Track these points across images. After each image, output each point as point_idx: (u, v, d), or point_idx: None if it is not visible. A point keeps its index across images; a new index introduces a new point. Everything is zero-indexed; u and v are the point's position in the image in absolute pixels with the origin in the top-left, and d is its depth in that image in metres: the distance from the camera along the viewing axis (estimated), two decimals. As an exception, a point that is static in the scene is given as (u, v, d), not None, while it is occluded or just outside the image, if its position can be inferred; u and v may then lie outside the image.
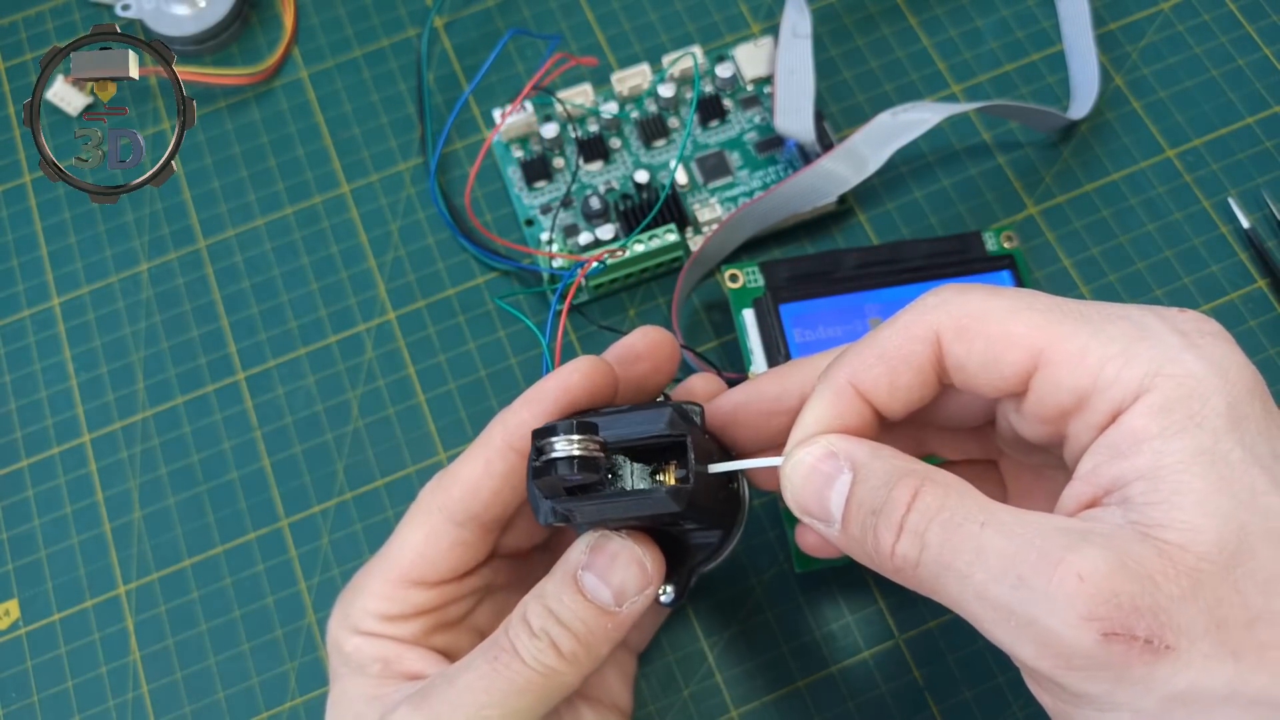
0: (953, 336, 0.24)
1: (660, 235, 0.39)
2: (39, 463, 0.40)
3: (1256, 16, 0.44)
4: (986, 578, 0.22)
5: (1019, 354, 0.24)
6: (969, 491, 0.23)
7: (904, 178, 0.43)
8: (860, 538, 0.24)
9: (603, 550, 0.27)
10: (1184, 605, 0.20)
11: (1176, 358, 0.22)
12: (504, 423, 0.29)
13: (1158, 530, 0.21)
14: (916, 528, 0.23)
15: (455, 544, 0.29)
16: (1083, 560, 0.21)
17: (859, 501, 0.24)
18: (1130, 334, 0.23)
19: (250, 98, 0.45)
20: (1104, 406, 0.23)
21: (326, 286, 0.42)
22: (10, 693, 0.37)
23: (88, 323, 0.42)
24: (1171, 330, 0.23)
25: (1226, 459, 0.21)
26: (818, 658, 0.36)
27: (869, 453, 0.25)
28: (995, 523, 0.22)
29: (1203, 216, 0.41)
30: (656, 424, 0.26)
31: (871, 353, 0.26)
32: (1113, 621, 0.20)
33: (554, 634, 0.27)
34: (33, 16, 0.47)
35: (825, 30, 0.45)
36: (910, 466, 0.24)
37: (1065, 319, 0.23)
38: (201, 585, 0.38)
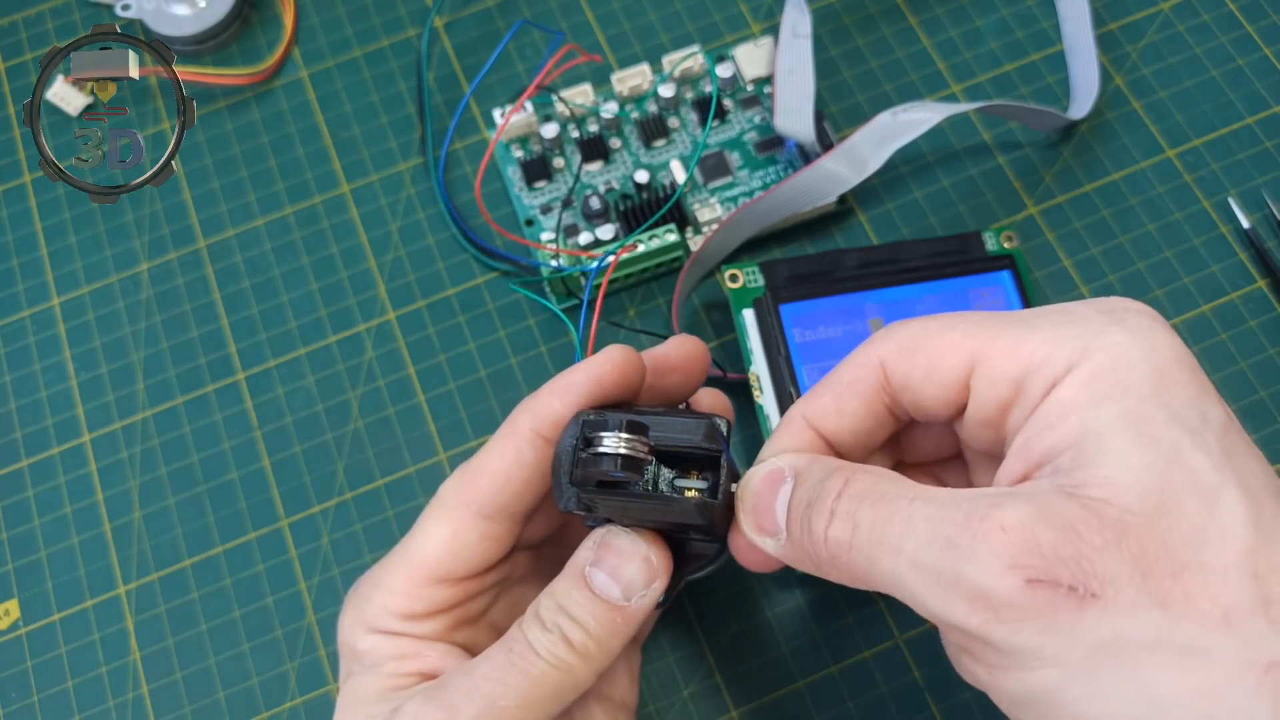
0: (896, 358, 0.26)
1: (660, 235, 0.39)
2: (39, 463, 0.40)
3: (1256, 16, 0.44)
4: (916, 545, 0.23)
5: (957, 358, 0.25)
6: (900, 479, 0.24)
7: (904, 178, 0.43)
8: (799, 537, 0.25)
9: (610, 547, 0.28)
10: (1108, 554, 0.21)
11: (1103, 331, 0.23)
12: (532, 411, 0.29)
13: (1082, 488, 0.22)
14: (848, 510, 0.24)
15: (483, 538, 0.29)
16: (1005, 514, 0.21)
17: (797, 501, 0.26)
18: (1058, 322, 0.24)
19: (250, 98, 0.45)
20: (1038, 387, 0.23)
21: (326, 286, 0.42)
22: (10, 693, 0.37)
23: (88, 323, 0.42)
24: (1099, 312, 0.24)
25: (1150, 420, 0.22)
26: (818, 658, 0.36)
27: (809, 459, 0.26)
28: (924, 496, 0.23)
29: (1203, 216, 0.41)
30: (695, 435, 0.26)
31: (822, 386, 0.27)
32: (1036, 569, 0.21)
33: (565, 628, 0.27)
34: (33, 16, 0.47)
35: (825, 30, 0.45)
36: (842, 464, 0.25)
37: (998, 323, 0.25)
38: (201, 585, 0.38)
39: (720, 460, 0.26)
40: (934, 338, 0.25)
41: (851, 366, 0.27)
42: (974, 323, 0.25)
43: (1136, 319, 0.24)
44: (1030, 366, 0.24)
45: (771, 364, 0.37)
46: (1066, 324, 0.24)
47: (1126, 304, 0.24)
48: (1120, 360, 0.23)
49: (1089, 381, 0.23)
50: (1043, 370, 0.23)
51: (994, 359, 0.24)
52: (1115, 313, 0.24)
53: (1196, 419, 0.22)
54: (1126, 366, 0.23)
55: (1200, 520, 0.21)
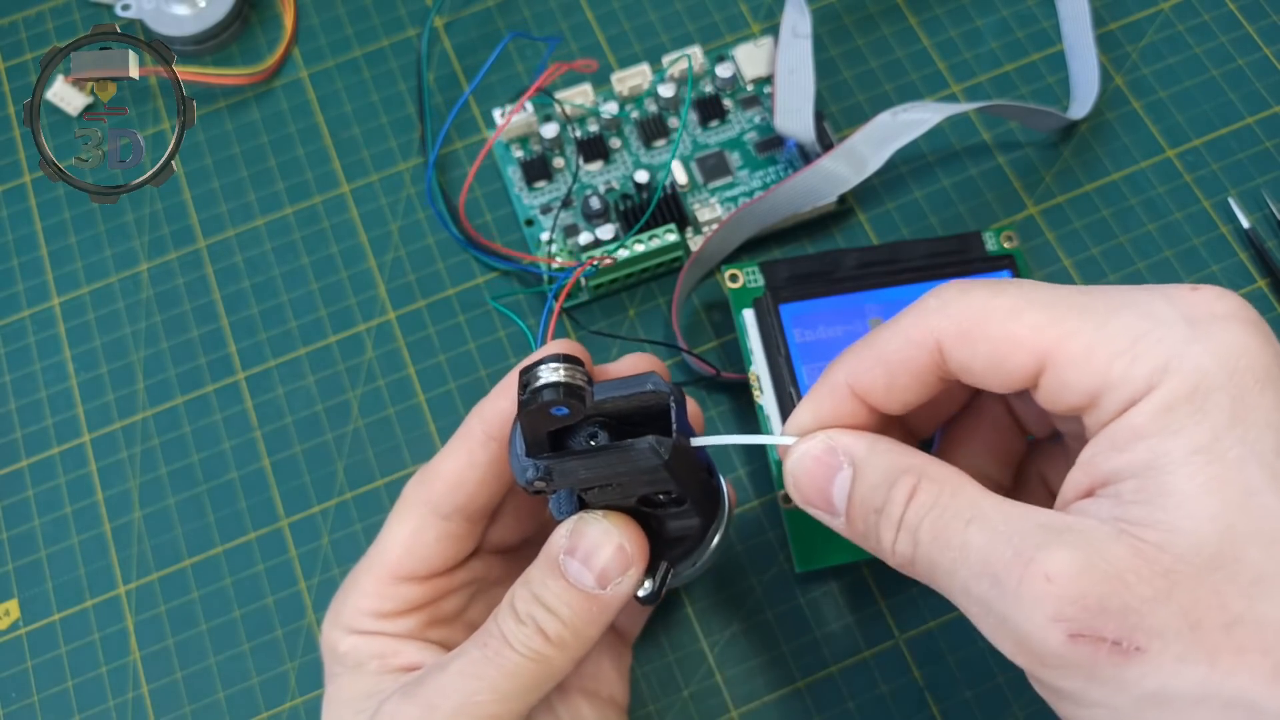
0: (955, 341, 0.24)
1: (660, 235, 0.39)
2: (39, 463, 0.40)
3: (1256, 16, 0.44)
4: (969, 574, 0.22)
5: (1024, 356, 0.23)
6: (962, 486, 0.24)
7: (904, 178, 0.43)
8: (864, 533, 0.25)
9: (583, 534, 0.27)
10: (1156, 606, 0.20)
11: (1183, 351, 0.22)
12: (481, 414, 0.29)
13: (1139, 529, 0.21)
14: (911, 525, 0.23)
15: (442, 537, 0.30)
16: (1051, 560, 0.21)
17: (861, 500, 0.25)
18: (1136, 328, 0.22)
19: (250, 98, 0.45)
20: (1113, 405, 0.22)
21: (326, 286, 0.42)
22: (10, 693, 0.37)
23: (88, 323, 0.42)
24: (1180, 318, 0.22)
25: (1224, 457, 0.21)
26: (818, 658, 0.36)
27: (868, 447, 0.25)
28: (980, 519, 0.22)
29: (1203, 216, 0.41)
30: (642, 385, 0.26)
31: (870, 355, 0.26)
32: (1079, 622, 0.20)
33: (539, 618, 0.27)
34: (33, 16, 0.47)
35: (825, 30, 0.45)
36: (908, 461, 0.24)
37: (1069, 315, 0.23)
38: (201, 585, 0.38)
39: (669, 403, 0.26)
40: (998, 326, 0.23)
41: (902, 340, 0.25)
42: (1042, 310, 0.23)
43: (1222, 329, 0.22)
44: (1106, 382, 0.22)
45: (771, 364, 0.37)
46: (1143, 332, 0.22)
47: (1212, 304, 0.22)
48: (1199, 386, 0.21)
49: (1165, 410, 0.21)
50: (1119, 389, 0.22)
51: (1065, 367, 0.23)
52: (1198, 320, 0.22)
53: (1272, 451, 0.21)
54: (1204, 393, 0.21)
55: (1260, 569, 0.20)
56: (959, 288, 0.25)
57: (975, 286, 0.24)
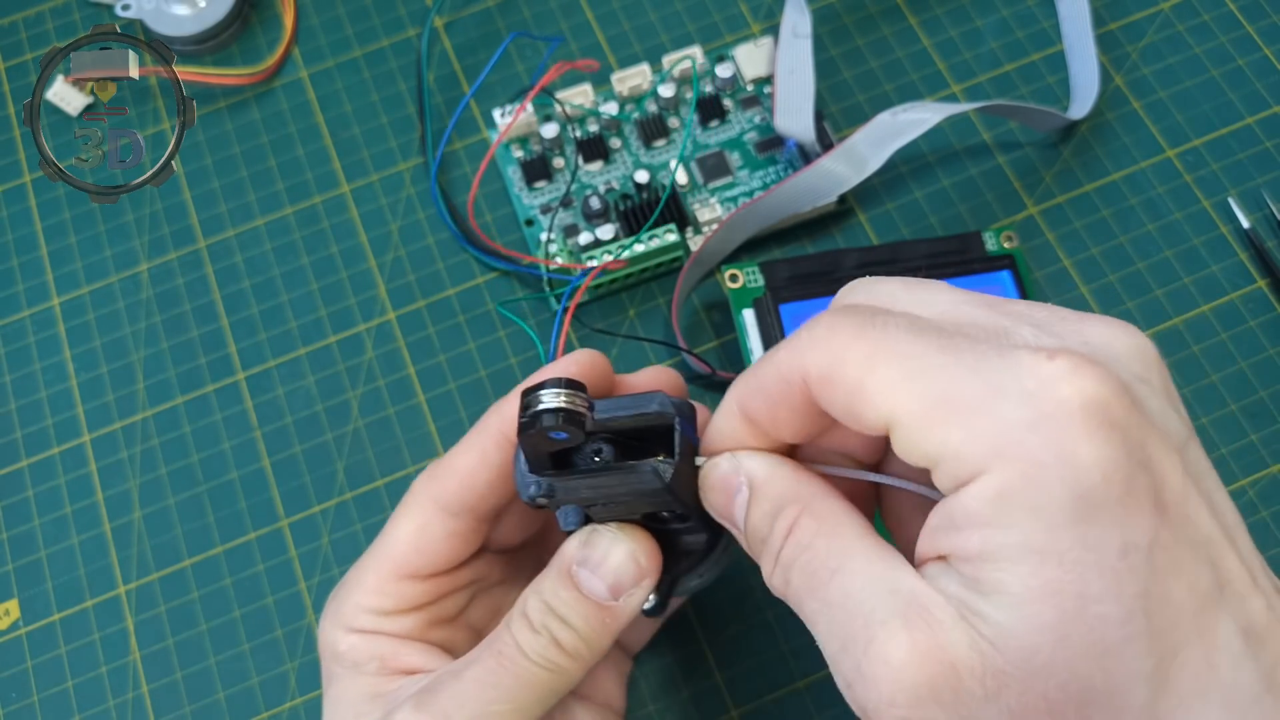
0: (818, 384, 0.23)
1: (660, 235, 0.39)
2: (39, 463, 0.40)
3: (1256, 16, 0.44)
4: (825, 630, 0.23)
5: (873, 413, 0.22)
6: (839, 528, 0.23)
7: (904, 178, 0.43)
8: (755, 556, 0.25)
9: (595, 545, 0.27)
10: (985, 706, 0.20)
11: (1020, 439, 0.20)
12: (500, 412, 0.29)
13: (975, 619, 0.20)
14: (785, 562, 0.24)
15: (449, 535, 0.30)
16: (892, 643, 0.21)
17: (753, 526, 0.25)
18: (975, 402, 0.21)
19: (250, 98, 0.45)
20: (948, 478, 0.21)
21: (326, 286, 0.42)
22: (10, 693, 0.37)
23: (88, 323, 0.42)
24: (1024, 398, 0.20)
25: (1061, 559, 0.20)
26: (818, 658, 0.36)
27: (767, 471, 0.25)
28: (844, 573, 0.23)
29: (1203, 216, 0.41)
30: (648, 404, 0.26)
31: (755, 384, 0.25)
32: (910, 711, 0.20)
33: (554, 629, 0.27)
34: (33, 16, 0.47)
35: (825, 30, 0.45)
36: (797, 491, 0.24)
37: (917, 376, 0.22)
38: (201, 585, 0.38)
39: (674, 424, 0.26)
40: (852, 375, 0.22)
41: (775, 374, 0.24)
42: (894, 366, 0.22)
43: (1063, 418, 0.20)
44: (941, 454, 0.21)
45: (771, 364, 0.37)
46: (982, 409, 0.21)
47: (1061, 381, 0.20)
48: (1034, 479, 0.20)
49: (998, 498, 0.20)
50: (951, 464, 0.21)
51: (908, 429, 0.22)
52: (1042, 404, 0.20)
53: (1116, 552, 0.20)
54: (1040, 488, 0.20)
55: (1090, 681, 0.20)
56: (828, 325, 0.23)
57: (841, 326, 0.23)
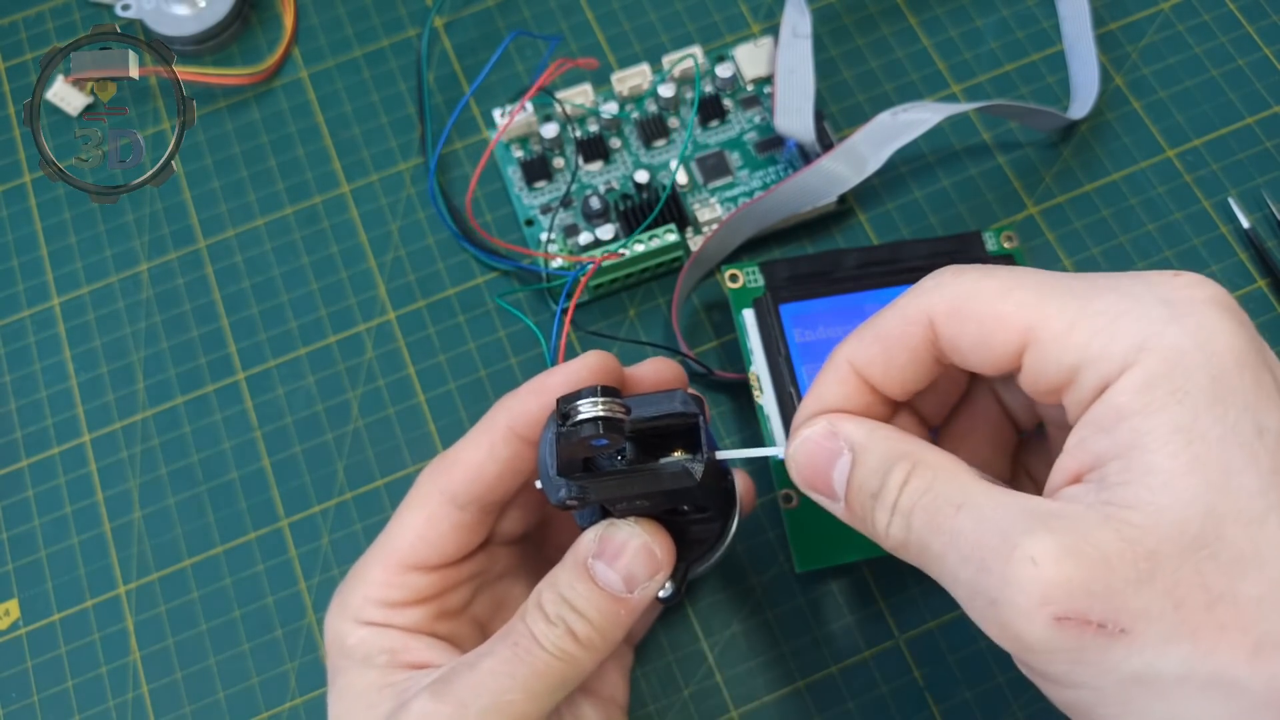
0: (946, 319, 0.25)
1: (660, 235, 0.39)
2: (39, 463, 0.40)
3: (1256, 16, 0.44)
4: (957, 560, 0.23)
5: (1009, 333, 0.24)
6: (956, 472, 0.24)
7: (904, 178, 0.43)
8: (862, 517, 0.25)
9: (612, 538, 0.28)
10: (1140, 589, 0.21)
11: (1161, 330, 0.22)
12: (508, 408, 0.29)
13: (1124, 511, 0.21)
14: (904, 509, 0.24)
15: (455, 526, 0.30)
16: (1037, 545, 0.21)
17: (859, 484, 0.25)
18: (1116, 307, 0.23)
19: (250, 98, 0.45)
20: (1091, 381, 0.23)
21: (326, 286, 0.42)
22: (10, 693, 0.37)
23: (88, 323, 0.42)
24: (1159, 300, 0.22)
25: (1204, 437, 0.21)
26: (818, 658, 0.36)
27: (866, 433, 0.26)
28: (970, 505, 0.23)
29: (1203, 216, 0.41)
30: (671, 403, 0.27)
31: (869, 334, 0.26)
32: (1065, 606, 0.21)
33: (570, 620, 0.27)
34: (33, 16, 0.47)
35: (825, 30, 0.45)
36: (905, 448, 0.25)
37: (1054, 295, 0.23)
38: (201, 585, 0.38)
39: (698, 422, 0.26)
40: (986, 304, 0.24)
41: (899, 317, 0.26)
42: (1029, 290, 0.24)
43: (1198, 312, 0.22)
44: (1084, 358, 0.23)
45: (771, 364, 0.37)
46: (1123, 311, 0.23)
47: (1191, 290, 0.23)
48: (1176, 365, 0.21)
49: (1143, 388, 0.22)
50: (1097, 365, 0.22)
51: (1046, 343, 0.23)
52: (1176, 302, 0.22)
53: (1252, 431, 0.21)
54: (1183, 372, 0.21)
55: (1240, 549, 0.21)
56: (954, 270, 0.25)
57: (969, 269, 0.25)
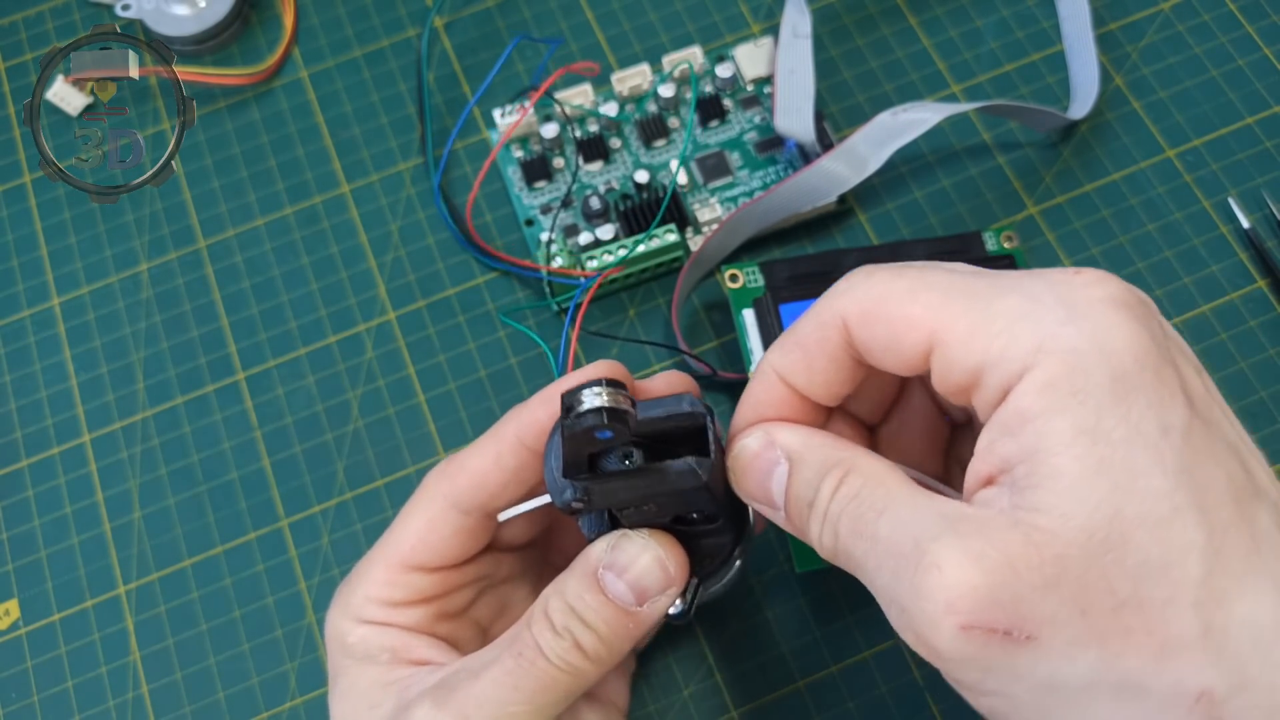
0: (857, 321, 0.25)
1: (660, 235, 0.39)
2: (39, 463, 0.40)
3: (1256, 16, 0.44)
4: (875, 566, 0.23)
5: (916, 335, 0.24)
6: (884, 477, 0.24)
7: (904, 178, 0.43)
8: (800, 527, 0.26)
9: (624, 549, 0.27)
10: (1047, 594, 0.21)
11: (1057, 332, 0.22)
12: (518, 418, 0.29)
13: (1030, 515, 0.21)
14: (833, 517, 0.24)
15: (457, 531, 0.30)
16: (943, 551, 0.21)
17: (795, 494, 0.25)
18: (1015, 309, 0.23)
19: (250, 98, 0.45)
20: (995, 384, 0.23)
21: (326, 286, 0.42)
22: (10, 693, 0.37)
23: (88, 323, 0.42)
24: (1057, 300, 0.23)
25: (1108, 438, 0.21)
26: (818, 658, 0.36)
27: (802, 442, 0.26)
28: (890, 510, 0.23)
29: (1203, 216, 0.41)
30: (679, 405, 0.26)
31: (789, 341, 0.27)
32: (971, 615, 0.21)
33: (577, 632, 0.27)
34: (33, 16, 0.47)
35: (825, 30, 0.45)
36: (839, 455, 0.25)
37: (959, 298, 0.24)
38: (201, 585, 0.38)
39: (706, 424, 0.26)
40: (895, 307, 0.24)
41: (815, 323, 0.26)
42: (935, 291, 0.24)
43: (1095, 312, 0.22)
44: (986, 360, 0.23)
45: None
46: (1022, 314, 0.23)
47: (1089, 286, 0.23)
48: (1075, 366, 0.22)
49: (1043, 390, 0.22)
50: (999, 368, 0.22)
51: (950, 345, 0.23)
52: (1074, 303, 0.22)
53: (1156, 430, 0.21)
54: (1082, 373, 0.21)
55: (1146, 552, 0.21)
56: (865, 271, 0.26)
57: (880, 270, 0.25)
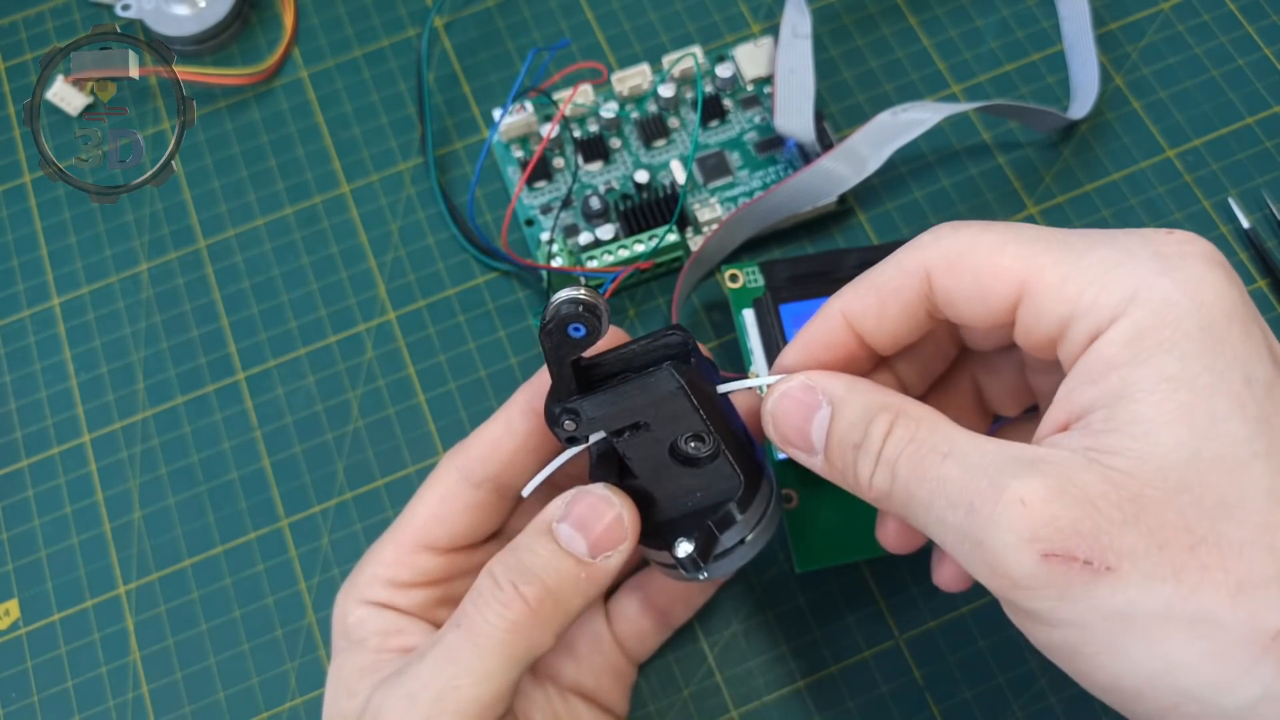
0: (943, 271, 0.25)
1: (660, 235, 0.39)
2: (39, 463, 0.40)
3: (1256, 16, 0.44)
4: (945, 505, 0.23)
5: (1004, 285, 0.24)
6: (939, 423, 0.24)
7: (904, 178, 0.43)
8: (842, 469, 0.26)
9: (580, 502, 0.27)
10: (1125, 529, 0.21)
11: (1152, 282, 0.22)
12: (527, 386, 0.30)
13: (1108, 457, 0.22)
14: (889, 459, 0.24)
15: (470, 506, 0.30)
16: (1024, 486, 0.22)
17: (839, 437, 0.26)
18: (1109, 260, 0.23)
19: (250, 98, 0.45)
20: (1082, 332, 0.23)
21: (326, 286, 0.42)
22: (10, 693, 0.37)
23: (88, 323, 0.42)
24: (1152, 254, 0.23)
25: (1191, 385, 0.22)
26: (818, 658, 0.36)
27: (845, 386, 0.26)
28: (956, 453, 0.23)
29: (1203, 216, 0.41)
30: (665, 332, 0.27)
31: (865, 283, 0.27)
32: (1052, 543, 0.21)
33: (519, 582, 0.27)
34: (33, 16, 0.47)
35: (825, 30, 0.45)
36: (885, 400, 0.25)
37: (1050, 249, 0.24)
38: (201, 585, 0.38)
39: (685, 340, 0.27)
40: (983, 257, 0.25)
41: (896, 269, 0.26)
42: (1024, 244, 0.24)
43: (1189, 266, 0.23)
44: (1076, 309, 0.23)
45: (772, 365, 0.37)
46: (1116, 264, 0.23)
47: (1182, 245, 0.23)
48: (1166, 316, 0.22)
49: (1132, 339, 0.22)
50: (1088, 316, 0.23)
51: (1040, 295, 0.24)
52: (1168, 256, 0.23)
53: (1240, 381, 0.22)
54: (1172, 323, 0.22)
55: (1223, 494, 0.21)
56: (952, 225, 0.26)
57: (967, 225, 0.25)
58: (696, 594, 0.35)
